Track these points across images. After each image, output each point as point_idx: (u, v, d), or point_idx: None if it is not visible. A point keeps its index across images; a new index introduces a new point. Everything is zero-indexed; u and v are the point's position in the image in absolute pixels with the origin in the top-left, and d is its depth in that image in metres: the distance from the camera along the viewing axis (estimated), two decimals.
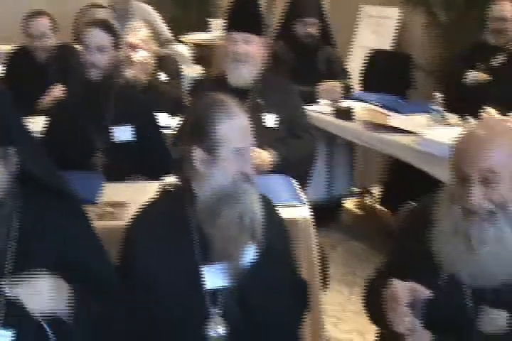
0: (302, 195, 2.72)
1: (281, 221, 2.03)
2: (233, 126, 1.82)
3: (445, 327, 1.74)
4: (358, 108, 4.11)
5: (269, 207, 1.97)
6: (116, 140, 3.00)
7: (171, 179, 2.61)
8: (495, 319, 1.73)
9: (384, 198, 4.60)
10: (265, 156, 2.96)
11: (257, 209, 1.83)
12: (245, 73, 3.06)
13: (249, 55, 3.04)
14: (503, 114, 3.61)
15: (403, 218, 2.12)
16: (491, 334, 1.73)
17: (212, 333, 1.83)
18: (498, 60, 4.28)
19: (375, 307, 1.81)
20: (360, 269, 3.89)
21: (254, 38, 3.06)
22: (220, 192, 1.79)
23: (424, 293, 1.66)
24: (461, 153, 1.72)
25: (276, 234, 1.93)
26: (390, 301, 1.69)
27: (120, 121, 3.01)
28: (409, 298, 1.67)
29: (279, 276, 1.88)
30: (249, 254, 1.83)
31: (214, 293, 1.84)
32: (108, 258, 1.82)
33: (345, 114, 4.04)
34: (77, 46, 4.00)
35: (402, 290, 1.67)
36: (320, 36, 4.45)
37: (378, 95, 4.48)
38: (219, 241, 1.80)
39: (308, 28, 4.38)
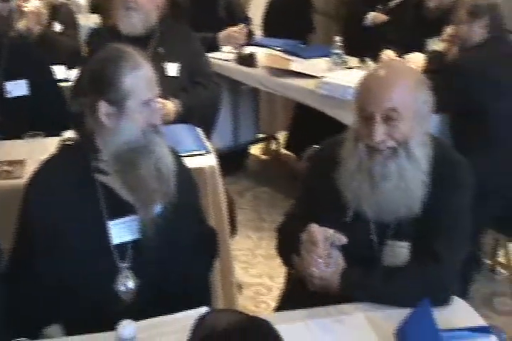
0: (208, 144, 2.71)
1: (187, 171, 2.02)
2: (139, 77, 1.76)
3: (352, 261, 1.80)
4: (261, 54, 4.10)
5: (175, 158, 1.96)
6: (9, 95, 2.89)
7: (70, 134, 2.57)
8: (398, 251, 1.81)
9: (289, 143, 4.66)
10: (169, 106, 2.92)
11: (170, 160, 1.82)
12: (136, 21, 2.98)
13: (139, 3, 2.95)
14: (400, 56, 3.69)
15: (309, 160, 2.16)
16: (395, 266, 1.80)
17: (121, 287, 1.83)
18: (395, 1, 4.33)
19: (289, 250, 1.84)
20: (268, 214, 3.98)
21: None
22: (131, 145, 1.75)
23: (341, 239, 1.72)
24: (365, 93, 1.76)
25: (184, 184, 1.92)
26: (307, 244, 1.73)
27: (13, 76, 2.89)
28: (326, 242, 1.71)
29: (187, 226, 1.88)
30: (158, 206, 1.83)
31: (122, 247, 1.83)
32: None
33: (247, 61, 4.03)
34: None
35: (320, 233, 1.71)
36: None
37: (280, 40, 4.49)
38: (139, 193, 1.77)
39: None
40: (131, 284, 1.83)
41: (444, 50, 3.12)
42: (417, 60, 3.54)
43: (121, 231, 1.82)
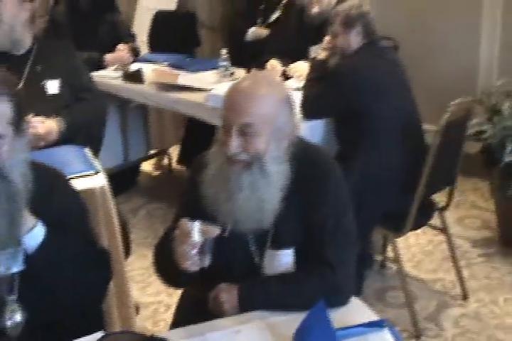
0: (96, 163, 2.65)
1: (73, 194, 1.94)
2: None
3: (236, 276, 1.81)
4: (147, 69, 4.06)
5: (57, 181, 1.88)
6: None
7: None
8: (279, 260, 1.82)
9: (182, 156, 4.65)
10: (51, 124, 2.83)
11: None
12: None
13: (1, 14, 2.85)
14: (285, 65, 3.77)
15: (189, 170, 2.13)
16: (291, 273, 1.81)
17: (8, 322, 1.74)
18: (275, 16, 4.40)
19: (165, 265, 1.80)
20: (162, 230, 3.89)
21: None
22: None
23: (214, 230, 1.67)
24: (226, 104, 1.74)
25: (67, 209, 1.85)
26: (179, 237, 1.68)
27: None
28: (200, 236, 1.66)
29: (74, 251, 1.81)
30: (37, 236, 1.74)
31: (9, 279, 1.74)
32: None
33: (134, 77, 3.98)
34: None
35: (192, 226, 1.66)
36: (102, 1, 4.29)
37: (166, 55, 4.47)
38: None
39: None
40: (18, 317, 1.75)
41: (325, 57, 3.20)
42: (301, 68, 3.62)
43: (7, 262, 1.73)
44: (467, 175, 4.20)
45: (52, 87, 2.95)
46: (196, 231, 1.65)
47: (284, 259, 1.82)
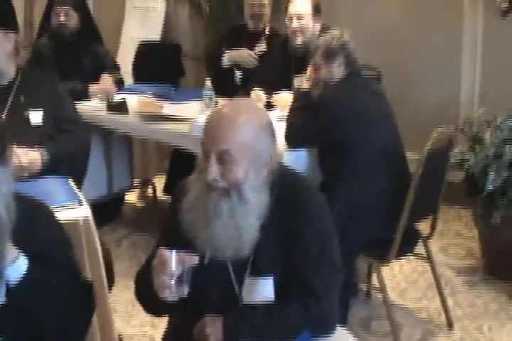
0: (80, 194, 2.64)
1: (57, 225, 1.93)
2: None
3: (215, 303, 1.80)
4: (132, 100, 4.07)
5: (41, 213, 1.87)
6: None
7: None
8: (257, 288, 1.81)
9: (168, 186, 4.64)
10: (34, 155, 2.84)
11: None
12: None
13: None
14: (269, 94, 3.81)
15: (171, 198, 2.13)
16: (273, 304, 1.80)
17: None
18: (260, 47, 4.43)
19: (146, 291, 1.78)
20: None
21: None
22: None
23: (192, 260, 1.66)
24: (206, 131, 1.75)
25: (51, 241, 1.83)
26: (157, 267, 1.67)
27: None
28: (177, 265, 1.65)
29: (57, 283, 1.79)
30: (19, 269, 1.72)
31: None
32: None
33: (118, 108, 3.98)
34: None
35: (170, 255, 1.65)
36: (85, 31, 4.31)
37: (150, 85, 4.49)
38: None
39: (60, 17, 4.16)
40: None
41: (309, 88, 3.23)
42: (285, 99, 3.64)
43: None
44: (450, 204, 4.24)
45: (36, 117, 2.96)
46: (174, 260, 1.65)
47: (264, 287, 1.81)
